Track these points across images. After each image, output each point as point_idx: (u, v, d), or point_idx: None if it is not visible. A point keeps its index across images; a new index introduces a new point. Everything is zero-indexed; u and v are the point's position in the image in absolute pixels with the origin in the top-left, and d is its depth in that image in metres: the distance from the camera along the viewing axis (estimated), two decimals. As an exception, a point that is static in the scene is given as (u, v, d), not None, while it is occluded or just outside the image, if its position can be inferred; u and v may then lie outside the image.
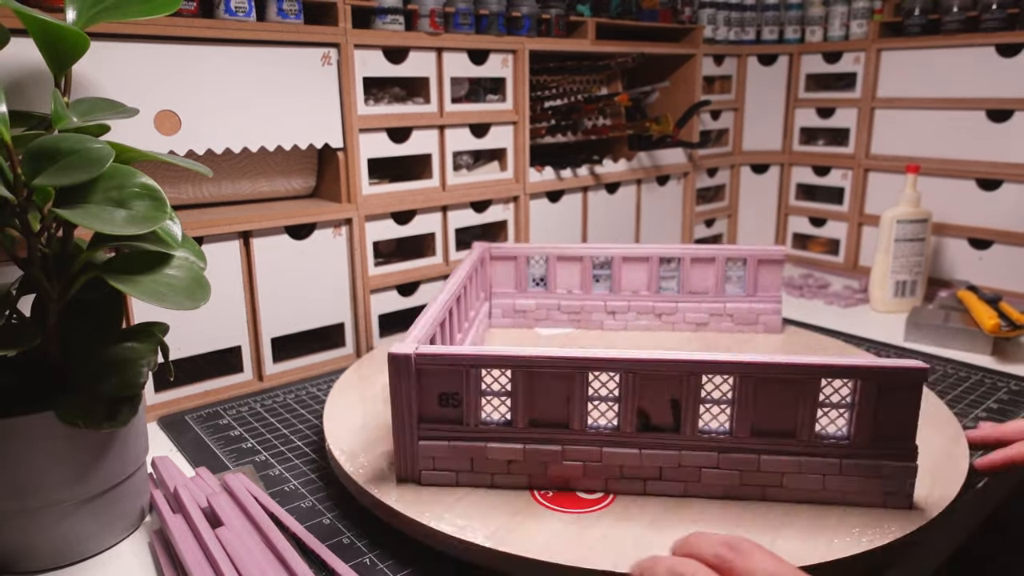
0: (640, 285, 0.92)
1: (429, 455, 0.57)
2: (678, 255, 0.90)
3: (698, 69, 1.26)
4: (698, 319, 0.91)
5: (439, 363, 0.55)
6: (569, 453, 0.55)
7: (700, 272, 0.90)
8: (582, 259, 0.91)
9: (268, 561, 0.50)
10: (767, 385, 0.53)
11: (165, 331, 0.56)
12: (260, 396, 0.81)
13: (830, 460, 0.53)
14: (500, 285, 0.94)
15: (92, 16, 0.57)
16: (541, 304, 0.93)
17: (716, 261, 0.90)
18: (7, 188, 0.46)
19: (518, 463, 0.56)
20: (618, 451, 0.55)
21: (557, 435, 0.55)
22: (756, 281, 0.90)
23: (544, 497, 0.56)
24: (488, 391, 0.56)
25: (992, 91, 1.11)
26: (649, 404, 0.54)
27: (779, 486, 0.54)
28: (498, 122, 1.01)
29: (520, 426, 0.56)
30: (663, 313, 0.91)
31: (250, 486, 0.59)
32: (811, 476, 0.53)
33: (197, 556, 0.50)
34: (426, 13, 0.90)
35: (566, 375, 0.54)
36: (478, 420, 0.56)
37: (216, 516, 0.54)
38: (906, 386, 0.51)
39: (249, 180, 0.85)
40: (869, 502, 0.53)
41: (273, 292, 0.83)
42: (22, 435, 0.49)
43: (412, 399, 0.55)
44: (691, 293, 0.91)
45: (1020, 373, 0.85)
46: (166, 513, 0.55)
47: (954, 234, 1.17)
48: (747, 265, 0.89)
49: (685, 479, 0.55)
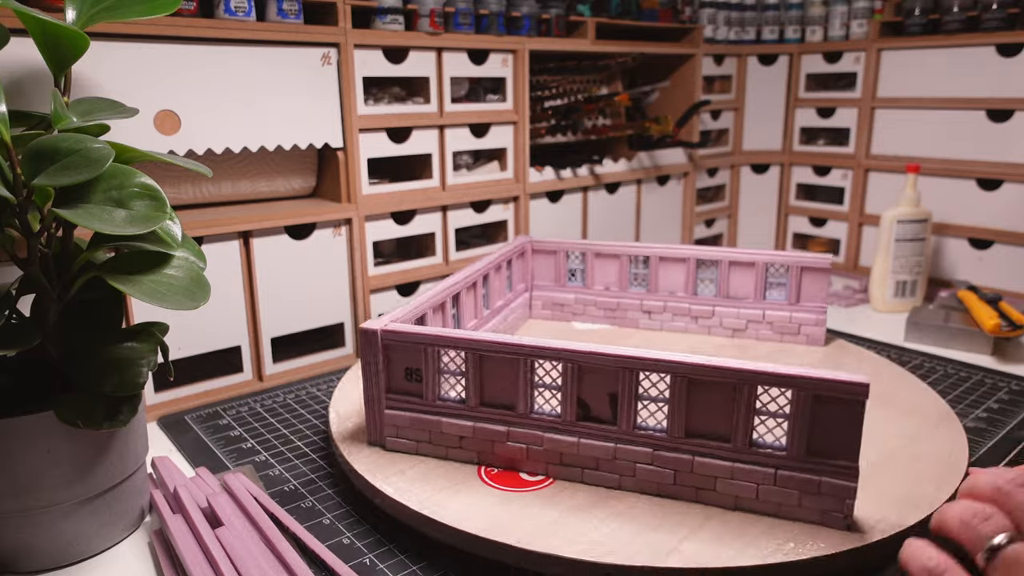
0: (677, 286, 0.90)
1: (393, 424, 0.62)
2: (717, 258, 0.88)
3: (698, 69, 1.26)
4: (735, 325, 0.88)
5: (403, 340, 0.59)
6: (514, 435, 0.58)
7: (740, 276, 0.87)
8: (619, 257, 0.91)
9: (268, 561, 0.50)
10: (702, 387, 0.52)
11: (165, 331, 0.56)
12: (260, 396, 0.81)
13: (765, 469, 0.52)
14: (540, 278, 0.96)
15: (92, 16, 0.57)
16: (579, 299, 0.94)
17: (756, 266, 0.86)
18: (7, 188, 0.46)
19: (469, 439, 0.60)
20: (558, 438, 0.57)
21: (504, 416, 0.58)
22: (799, 289, 0.85)
23: (488, 474, 0.59)
24: (446, 370, 0.60)
25: (992, 91, 1.11)
26: (589, 395, 0.56)
27: (712, 490, 0.54)
28: (498, 122, 1.01)
29: (472, 405, 0.59)
30: (699, 316, 0.89)
31: (250, 486, 0.59)
32: (744, 483, 0.53)
33: (197, 556, 0.50)
34: (426, 13, 0.90)
35: (512, 361, 0.57)
36: (436, 396, 0.60)
37: (216, 516, 0.54)
38: (846, 401, 0.49)
39: (249, 180, 0.85)
40: (804, 517, 0.52)
41: (273, 292, 0.83)
42: (22, 435, 0.49)
43: (379, 371, 0.60)
44: (729, 297, 0.88)
45: (1020, 373, 0.85)
46: (166, 513, 0.55)
47: (954, 234, 1.17)
48: (790, 272, 0.85)
49: (620, 472, 0.56)
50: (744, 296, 0.88)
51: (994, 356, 0.90)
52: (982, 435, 0.70)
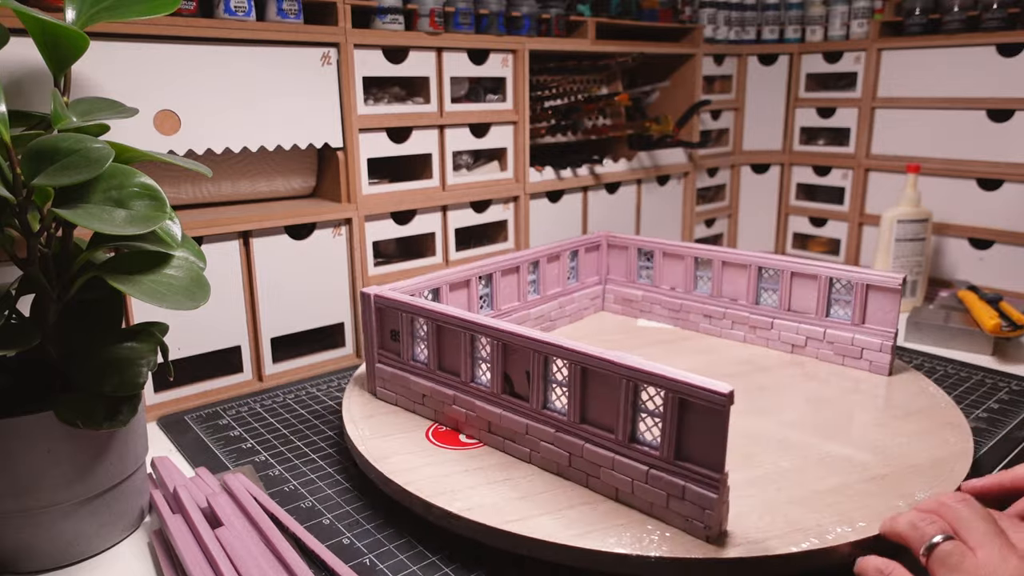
0: (740, 293, 0.87)
1: (382, 376, 0.71)
2: (778, 267, 0.83)
3: (698, 69, 1.26)
4: (795, 340, 0.83)
5: (389, 305, 0.69)
6: (458, 400, 0.65)
7: (802, 289, 0.82)
8: (684, 257, 0.91)
9: (268, 561, 0.50)
10: (595, 377, 0.54)
11: (165, 331, 0.56)
12: (260, 396, 0.81)
13: (639, 466, 0.52)
14: (615, 272, 0.98)
15: (92, 16, 0.57)
16: (646, 296, 0.95)
17: (819, 279, 0.80)
18: (7, 188, 0.46)
19: (428, 398, 0.67)
20: (488, 408, 0.62)
21: (452, 382, 0.65)
22: (864, 308, 0.78)
23: (435, 431, 0.66)
24: (417, 335, 0.68)
25: (992, 91, 1.11)
26: (513, 371, 0.60)
27: (597, 477, 0.55)
28: (498, 122, 1.01)
29: (431, 367, 0.66)
30: (758, 327, 0.86)
31: (250, 486, 0.59)
32: (622, 476, 0.53)
33: (197, 556, 0.49)
34: (426, 13, 0.90)
35: (459, 333, 0.63)
36: (410, 356, 0.69)
37: (216, 516, 0.54)
38: (710, 409, 0.48)
39: (249, 180, 0.85)
40: (671, 521, 0.51)
41: (273, 292, 0.83)
42: (22, 435, 0.49)
43: (373, 330, 0.71)
44: (790, 311, 0.83)
45: (1020, 373, 0.85)
46: (166, 513, 0.55)
47: (954, 234, 1.17)
48: (854, 290, 0.78)
49: (530, 447, 0.60)
50: (806, 311, 0.82)
51: (994, 356, 0.90)
52: (982, 435, 0.70)
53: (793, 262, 0.83)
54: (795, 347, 0.84)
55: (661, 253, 0.93)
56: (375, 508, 0.59)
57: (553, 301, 0.91)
